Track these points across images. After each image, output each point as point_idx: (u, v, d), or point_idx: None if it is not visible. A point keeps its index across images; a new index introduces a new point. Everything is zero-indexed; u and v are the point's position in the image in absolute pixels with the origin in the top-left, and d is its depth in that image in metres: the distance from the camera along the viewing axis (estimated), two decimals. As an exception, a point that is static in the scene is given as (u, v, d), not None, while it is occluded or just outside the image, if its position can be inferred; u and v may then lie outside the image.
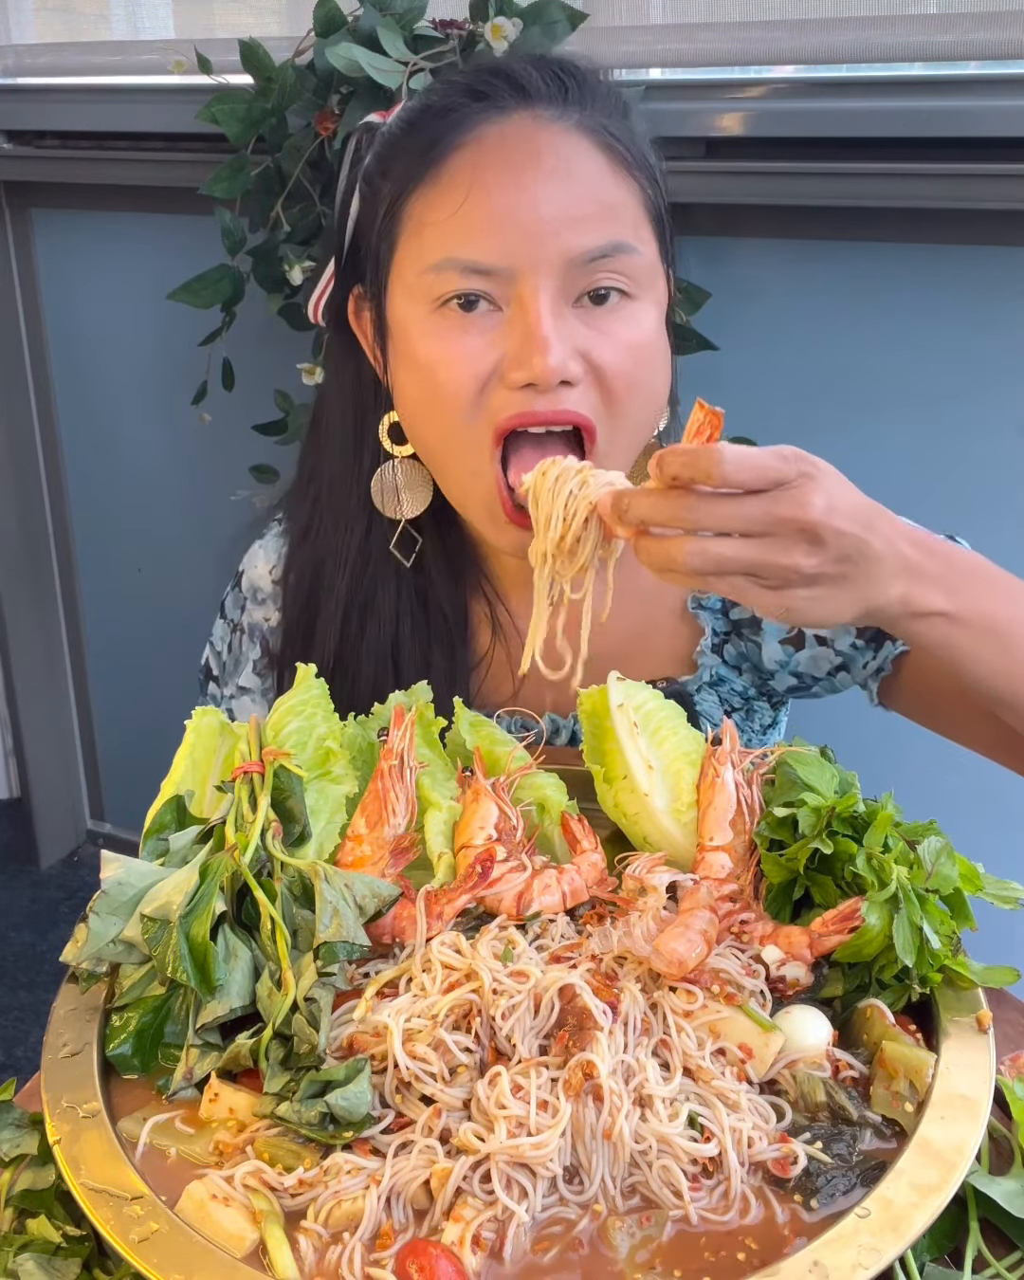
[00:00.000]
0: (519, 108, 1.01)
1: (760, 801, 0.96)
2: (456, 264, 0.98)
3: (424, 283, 1.00)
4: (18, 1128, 0.81)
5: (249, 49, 1.75)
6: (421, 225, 1.01)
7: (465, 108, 1.01)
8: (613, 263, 0.99)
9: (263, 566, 1.26)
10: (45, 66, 2.27)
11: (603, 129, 1.01)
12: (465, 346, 0.99)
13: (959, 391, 1.70)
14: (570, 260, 0.98)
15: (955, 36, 1.53)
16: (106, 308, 2.39)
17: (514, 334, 0.98)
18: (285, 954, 0.81)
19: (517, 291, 0.98)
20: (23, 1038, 2.39)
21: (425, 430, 1.06)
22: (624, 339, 1.01)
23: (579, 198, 0.98)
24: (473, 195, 0.98)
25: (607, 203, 1.00)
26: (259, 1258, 0.69)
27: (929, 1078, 0.77)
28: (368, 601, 1.17)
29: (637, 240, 1.01)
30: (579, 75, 1.04)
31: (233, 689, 1.28)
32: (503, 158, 0.99)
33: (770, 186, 1.66)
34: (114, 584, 2.66)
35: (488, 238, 0.97)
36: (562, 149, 0.99)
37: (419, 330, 1.02)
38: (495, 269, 0.98)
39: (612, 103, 1.04)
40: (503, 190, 0.97)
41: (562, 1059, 0.76)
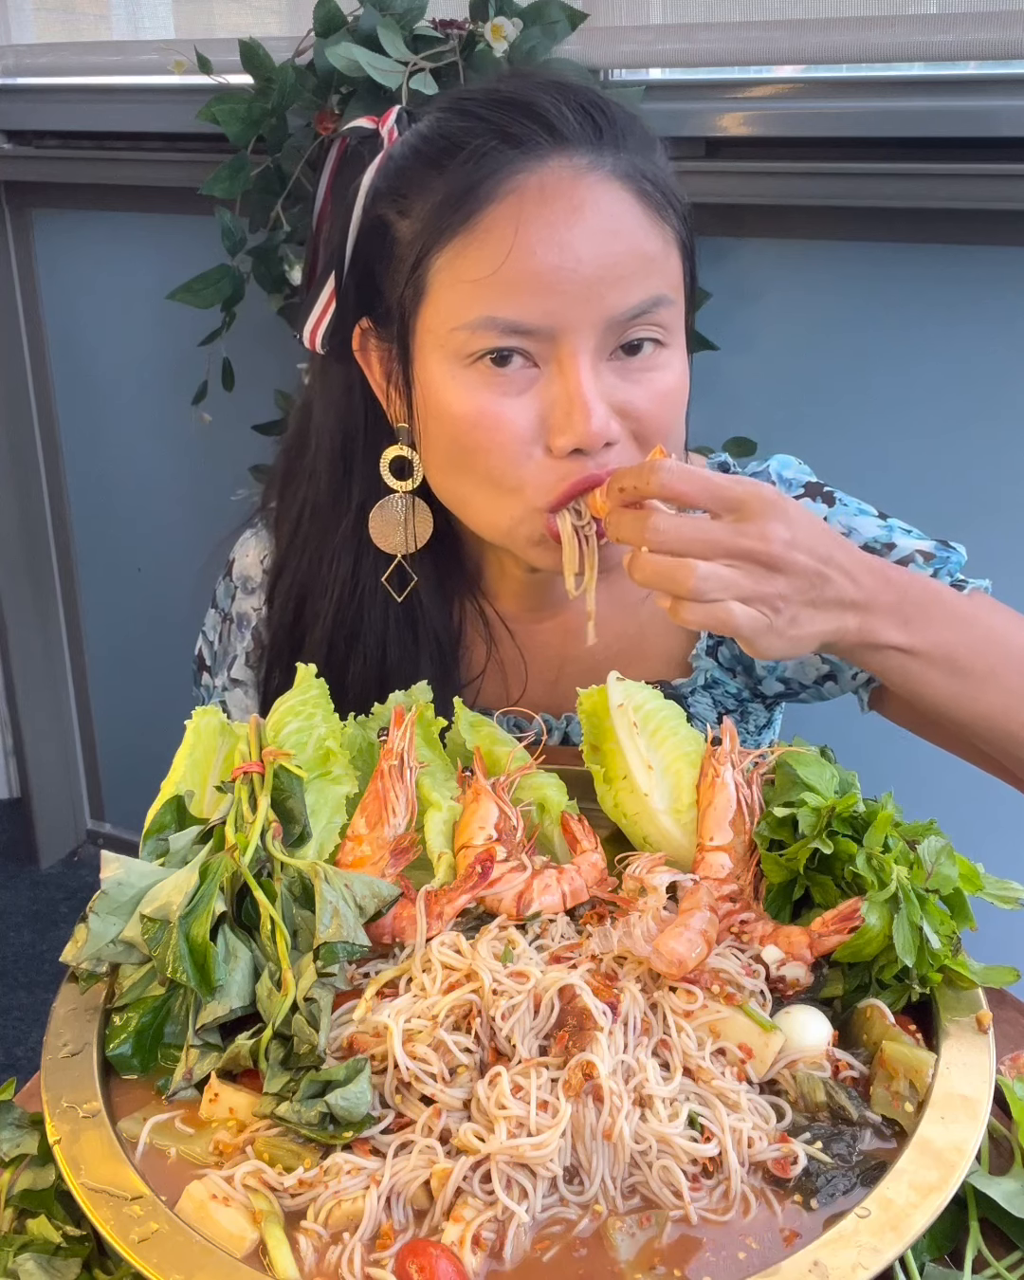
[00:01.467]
0: (555, 153, 0.96)
1: (760, 801, 0.96)
2: (497, 324, 0.95)
3: (457, 339, 0.97)
4: (18, 1128, 0.81)
5: (249, 49, 1.75)
6: (456, 280, 0.96)
7: (499, 153, 0.95)
8: (651, 316, 0.98)
9: (254, 555, 1.25)
10: (45, 66, 2.28)
11: (638, 173, 0.98)
12: (503, 407, 0.97)
13: (959, 391, 1.70)
14: (611, 320, 0.96)
15: (955, 36, 1.54)
16: (106, 308, 2.39)
17: (554, 395, 0.97)
18: (285, 954, 0.81)
19: (556, 351, 0.96)
20: (23, 1038, 2.39)
21: (458, 481, 1.04)
22: (658, 387, 0.99)
23: (621, 255, 0.95)
24: (515, 253, 0.93)
25: (647, 256, 0.97)
26: (259, 1258, 0.69)
27: (929, 1078, 0.77)
28: (354, 631, 1.15)
29: (672, 289, 1.00)
30: (609, 113, 0.99)
31: (225, 680, 1.27)
32: (544, 214, 0.94)
33: (770, 186, 1.66)
34: (114, 584, 2.66)
35: (530, 298, 0.94)
36: (602, 201, 0.95)
37: (452, 386, 0.99)
38: (537, 329, 0.95)
39: (642, 139, 1.01)
40: (546, 249, 0.93)
41: (562, 1059, 0.76)
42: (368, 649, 1.15)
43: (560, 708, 1.20)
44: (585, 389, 0.95)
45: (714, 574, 0.86)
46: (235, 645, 1.26)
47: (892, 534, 1.16)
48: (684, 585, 0.85)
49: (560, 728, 1.20)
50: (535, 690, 1.21)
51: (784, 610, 0.88)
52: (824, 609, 0.91)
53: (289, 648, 1.19)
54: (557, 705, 1.21)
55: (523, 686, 1.21)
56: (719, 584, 0.86)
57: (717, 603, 0.86)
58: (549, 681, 1.21)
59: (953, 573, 1.14)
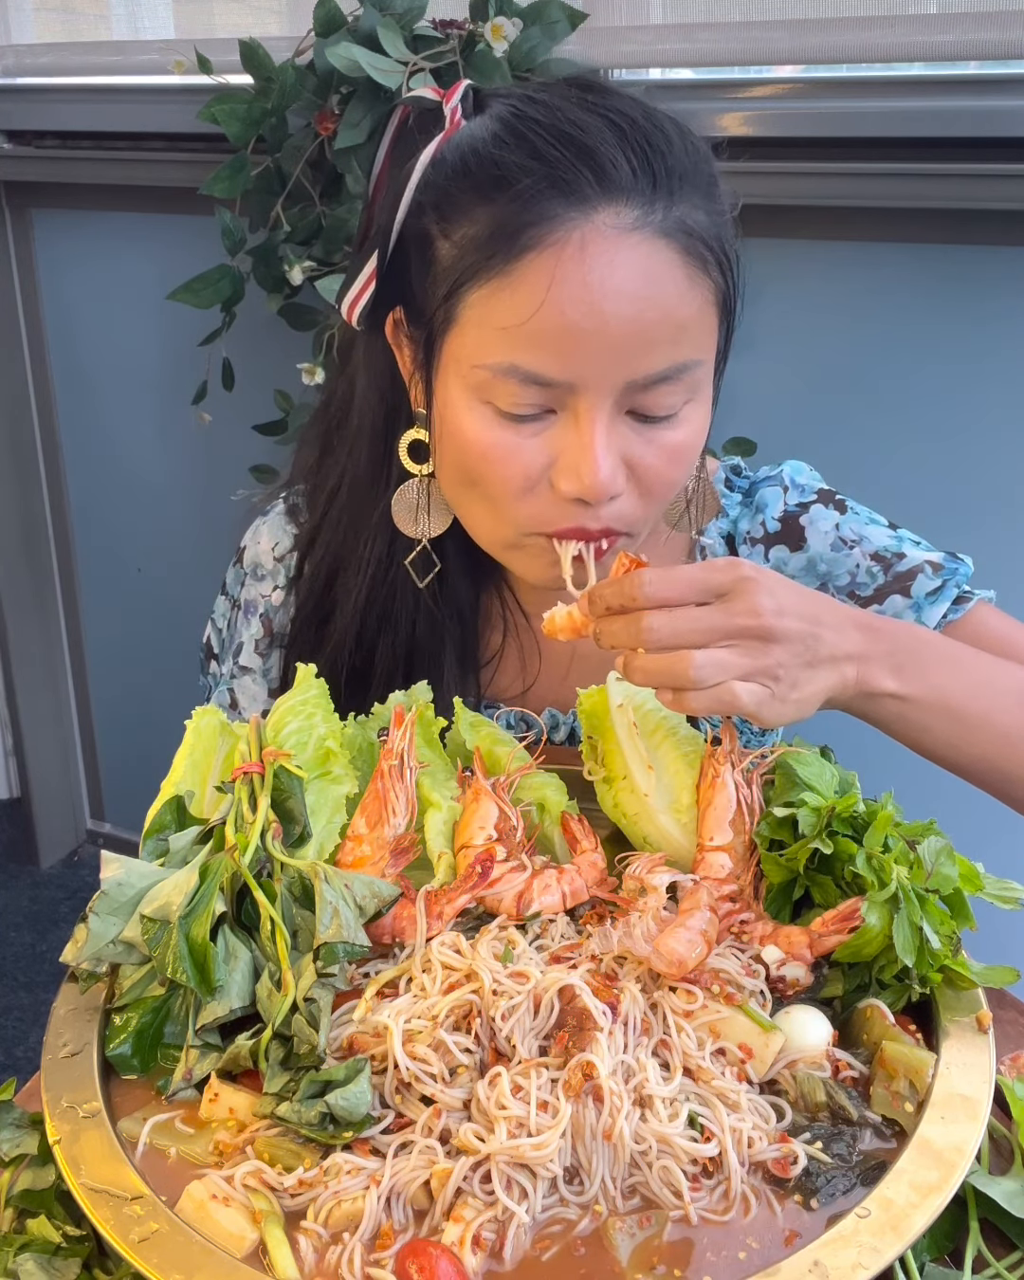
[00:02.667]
0: (603, 204, 0.92)
1: (760, 801, 0.96)
2: (519, 373, 0.94)
3: (479, 375, 0.97)
4: (18, 1128, 0.81)
5: (249, 49, 1.75)
6: (485, 321, 0.95)
7: (546, 200, 0.92)
8: (675, 381, 0.97)
9: (266, 543, 1.25)
10: (45, 66, 2.28)
11: (686, 229, 0.95)
12: (516, 444, 0.97)
13: (959, 391, 1.70)
14: (633, 382, 0.95)
15: (955, 36, 1.53)
16: (106, 308, 2.39)
17: (567, 441, 0.97)
18: (285, 955, 0.81)
19: (574, 403, 0.95)
20: (23, 1038, 2.39)
21: (462, 495, 1.05)
22: (670, 443, 0.99)
23: (652, 321, 0.93)
24: (545, 309, 0.92)
25: (679, 321, 0.95)
26: (259, 1258, 0.69)
27: (929, 1078, 0.77)
28: (386, 608, 1.16)
29: (703, 351, 0.98)
30: (669, 154, 0.95)
31: (233, 667, 1.27)
32: (579, 274, 0.92)
33: (770, 186, 1.66)
34: (114, 584, 2.66)
35: (554, 354, 0.93)
36: (641, 264, 0.93)
37: (468, 414, 0.99)
38: (557, 383, 0.94)
39: (698, 183, 0.97)
40: (576, 309, 0.92)
41: (561, 1060, 0.76)
42: (398, 624, 1.16)
43: (568, 703, 1.21)
44: (597, 443, 0.95)
45: (711, 659, 0.87)
46: (243, 632, 1.26)
47: (901, 544, 1.17)
48: (684, 677, 0.87)
49: (568, 723, 1.21)
50: (546, 683, 1.22)
51: (784, 677, 0.90)
52: (821, 667, 0.93)
53: (316, 621, 1.20)
54: (565, 700, 1.21)
55: (536, 675, 1.21)
56: (718, 668, 0.87)
57: (719, 686, 0.88)
58: (559, 676, 1.22)
59: (960, 584, 1.15)
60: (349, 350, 1.15)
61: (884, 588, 1.15)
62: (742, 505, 1.21)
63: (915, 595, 1.14)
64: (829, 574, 1.17)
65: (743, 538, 1.19)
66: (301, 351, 1.94)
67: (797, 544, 1.17)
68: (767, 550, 1.18)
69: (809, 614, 0.92)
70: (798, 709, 0.93)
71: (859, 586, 1.16)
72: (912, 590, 1.14)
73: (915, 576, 1.14)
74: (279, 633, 1.25)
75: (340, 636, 1.17)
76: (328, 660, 1.14)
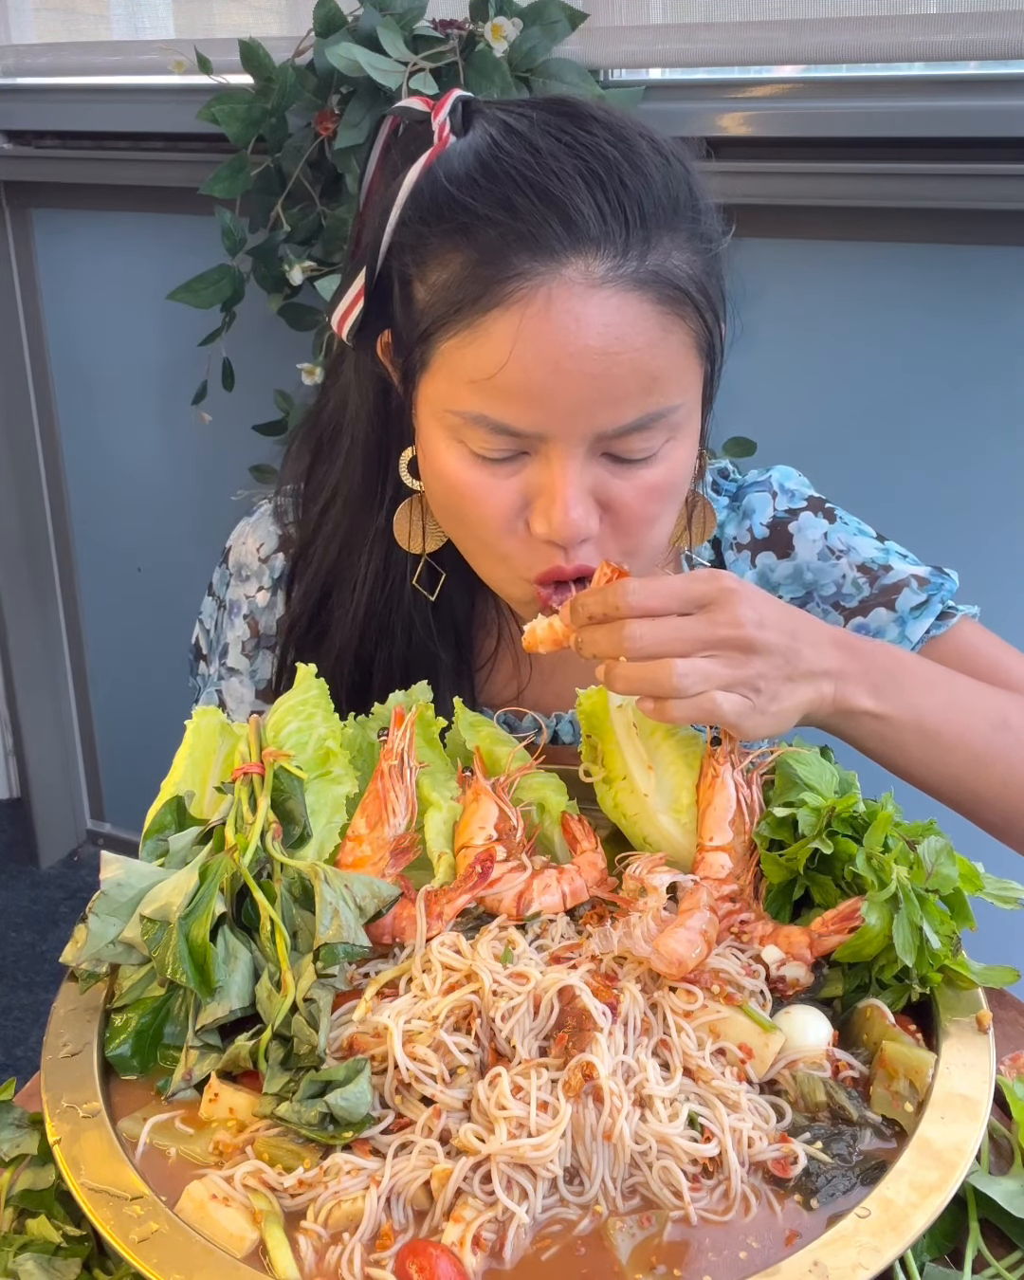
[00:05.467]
0: (572, 256, 0.90)
1: (760, 801, 0.96)
2: (487, 423, 0.94)
3: (451, 420, 0.97)
4: (18, 1128, 0.81)
5: (249, 49, 1.75)
6: (454, 373, 0.95)
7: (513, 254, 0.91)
8: (648, 429, 0.96)
9: (251, 543, 1.24)
10: (45, 66, 2.28)
11: (661, 277, 0.93)
12: (490, 485, 0.98)
13: (959, 391, 1.70)
14: (602, 434, 0.95)
15: (955, 36, 1.53)
16: (106, 308, 2.39)
17: (540, 483, 0.97)
18: (285, 955, 0.81)
19: (545, 449, 0.95)
20: (23, 1038, 2.39)
21: (453, 530, 1.06)
22: (647, 482, 0.98)
23: (619, 376, 0.92)
24: (510, 365, 0.91)
25: (651, 373, 0.93)
26: (259, 1258, 0.69)
27: (929, 1078, 0.77)
28: (383, 624, 1.16)
29: (679, 396, 0.97)
30: (647, 199, 0.92)
31: (220, 669, 1.27)
32: (544, 331, 0.91)
33: (770, 186, 1.66)
34: (114, 584, 2.66)
35: (521, 409, 0.93)
36: (609, 319, 0.91)
37: (447, 453, 0.99)
38: (526, 434, 0.94)
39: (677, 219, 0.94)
40: (540, 367, 0.91)
41: (561, 1060, 0.76)
42: (395, 640, 1.16)
43: (551, 706, 1.21)
44: (569, 489, 0.95)
45: (693, 668, 0.87)
46: (228, 633, 1.26)
47: (888, 556, 1.17)
48: (666, 684, 0.87)
49: (550, 726, 1.21)
50: (538, 687, 1.22)
51: (765, 689, 0.91)
52: (799, 681, 0.93)
53: (312, 637, 1.19)
54: (548, 704, 1.21)
55: (528, 680, 1.21)
56: (700, 677, 0.88)
57: (700, 695, 0.88)
58: (551, 680, 1.22)
59: (945, 600, 1.15)
60: (340, 363, 1.14)
61: (869, 600, 1.15)
62: (729, 509, 1.20)
63: (900, 609, 1.14)
64: (815, 583, 1.17)
65: (730, 543, 1.19)
66: (301, 351, 1.94)
67: (784, 551, 1.17)
68: (753, 556, 1.18)
69: (789, 628, 0.92)
70: (776, 721, 0.93)
71: (845, 597, 1.16)
72: (896, 604, 1.14)
73: (901, 590, 1.14)
74: (265, 634, 1.24)
75: (339, 652, 1.17)
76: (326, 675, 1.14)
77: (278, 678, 1.23)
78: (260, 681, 1.25)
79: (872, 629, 1.14)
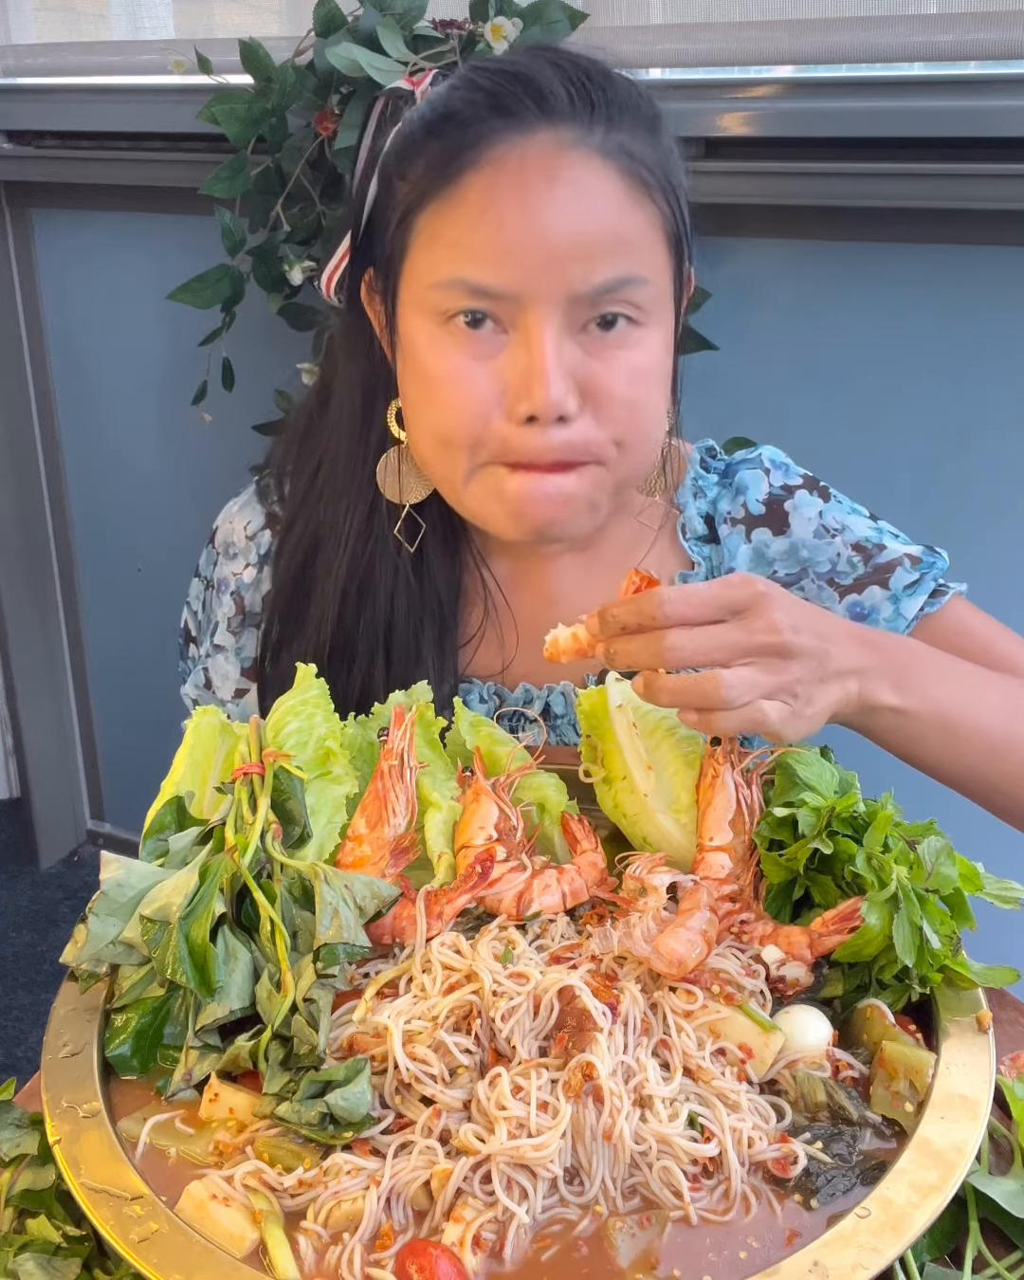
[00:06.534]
0: (542, 126, 0.97)
1: (760, 801, 0.96)
2: (464, 285, 0.98)
3: (432, 298, 1.00)
4: (18, 1128, 0.81)
5: (249, 49, 1.75)
6: (433, 240, 1.00)
7: (486, 123, 0.97)
8: (620, 294, 0.99)
9: (238, 522, 1.26)
10: (45, 66, 2.28)
11: (626, 152, 0.98)
12: (470, 369, 1.00)
13: (959, 391, 1.70)
14: (577, 294, 0.97)
15: (955, 36, 1.53)
16: (106, 308, 2.39)
17: (517, 363, 0.99)
18: (285, 956, 0.81)
19: (522, 319, 0.98)
20: (23, 1038, 2.39)
21: (423, 433, 1.07)
22: (625, 365, 1.01)
23: (592, 231, 0.97)
24: (485, 219, 0.96)
25: (620, 235, 0.98)
26: (259, 1258, 0.69)
27: (929, 1078, 0.77)
28: (366, 581, 1.17)
29: (648, 270, 1.00)
30: (608, 88, 1.00)
31: (208, 647, 1.28)
32: (519, 184, 0.96)
33: (770, 186, 1.66)
34: (114, 584, 2.66)
35: (497, 264, 0.97)
36: (580, 177, 0.97)
37: (426, 342, 1.02)
38: (502, 294, 0.97)
39: (639, 116, 1.01)
40: (516, 218, 0.96)
41: (561, 1060, 0.76)
42: (378, 597, 1.17)
43: (541, 679, 1.22)
44: (546, 359, 0.97)
45: (739, 679, 0.87)
46: (216, 611, 1.27)
47: (882, 535, 1.18)
48: (716, 697, 0.87)
49: (542, 697, 1.22)
50: (523, 660, 1.22)
51: (801, 694, 0.91)
52: (830, 682, 0.93)
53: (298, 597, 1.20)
54: (540, 676, 1.22)
55: (513, 654, 1.22)
56: (747, 687, 0.88)
57: (747, 705, 0.88)
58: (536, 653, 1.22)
59: (937, 578, 1.16)
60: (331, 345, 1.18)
61: (863, 578, 1.16)
62: (720, 486, 1.21)
63: (894, 588, 1.15)
64: (810, 560, 1.18)
65: (723, 518, 1.20)
66: (301, 351, 1.94)
67: (780, 528, 1.18)
68: (748, 531, 1.19)
69: (818, 630, 0.93)
70: (811, 724, 0.93)
71: (839, 575, 1.17)
72: (890, 583, 1.15)
73: (894, 569, 1.15)
74: (251, 611, 1.25)
75: (321, 611, 1.18)
76: (310, 640, 1.16)
77: (263, 652, 1.23)
78: (245, 660, 1.26)
79: (866, 606, 1.16)
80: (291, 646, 1.19)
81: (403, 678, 1.13)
